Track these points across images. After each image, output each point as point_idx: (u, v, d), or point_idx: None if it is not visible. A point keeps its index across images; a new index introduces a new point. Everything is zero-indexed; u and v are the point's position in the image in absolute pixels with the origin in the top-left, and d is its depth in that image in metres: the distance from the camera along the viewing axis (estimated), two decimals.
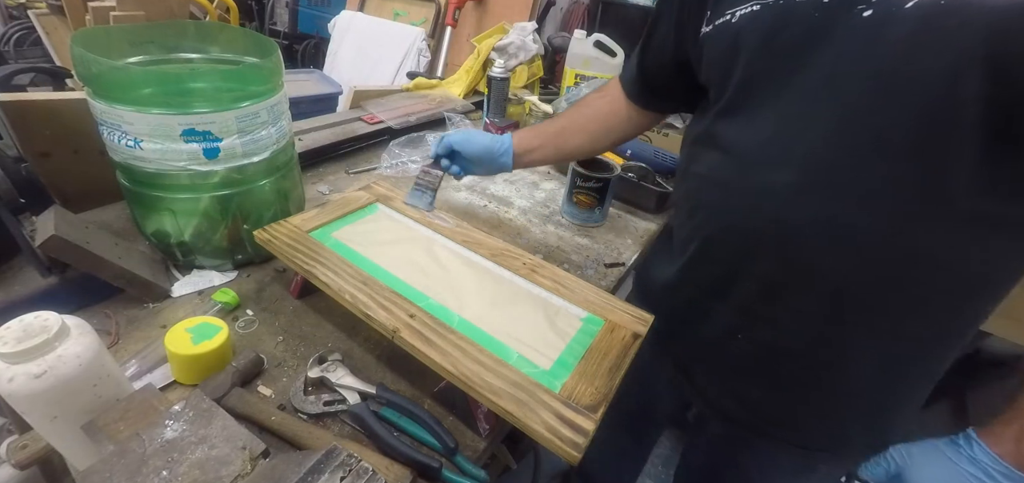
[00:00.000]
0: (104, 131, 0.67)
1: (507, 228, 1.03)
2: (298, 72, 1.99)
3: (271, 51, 0.75)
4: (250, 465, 0.41)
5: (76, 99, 0.77)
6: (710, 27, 0.55)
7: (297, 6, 3.30)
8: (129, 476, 0.39)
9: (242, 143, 0.71)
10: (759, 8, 0.49)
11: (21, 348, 0.42)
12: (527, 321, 0.64)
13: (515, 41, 1.59)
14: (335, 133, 1.25)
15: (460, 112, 1.44)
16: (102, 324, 0.67)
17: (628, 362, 0.59)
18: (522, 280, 0.71)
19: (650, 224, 1.11)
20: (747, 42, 0.50)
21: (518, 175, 1.26)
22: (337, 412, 0.58)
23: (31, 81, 1.34)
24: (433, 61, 2.00)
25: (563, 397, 0.52)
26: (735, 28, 0.51)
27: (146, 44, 0.78)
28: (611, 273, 0.93)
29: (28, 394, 0.43)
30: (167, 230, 0.74)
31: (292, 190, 0.85)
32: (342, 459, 0.43)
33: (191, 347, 0.58)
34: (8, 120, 0.76)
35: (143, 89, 0.66)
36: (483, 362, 0.55)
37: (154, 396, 0.49)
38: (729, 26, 0.52)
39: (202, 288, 0.76)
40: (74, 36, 0.69)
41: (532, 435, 0.49)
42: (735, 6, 0.51)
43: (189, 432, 0.43)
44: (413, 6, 2.10)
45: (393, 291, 0.64)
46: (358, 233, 0.78)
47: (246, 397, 0.57)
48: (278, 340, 0.68)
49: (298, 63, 3.13)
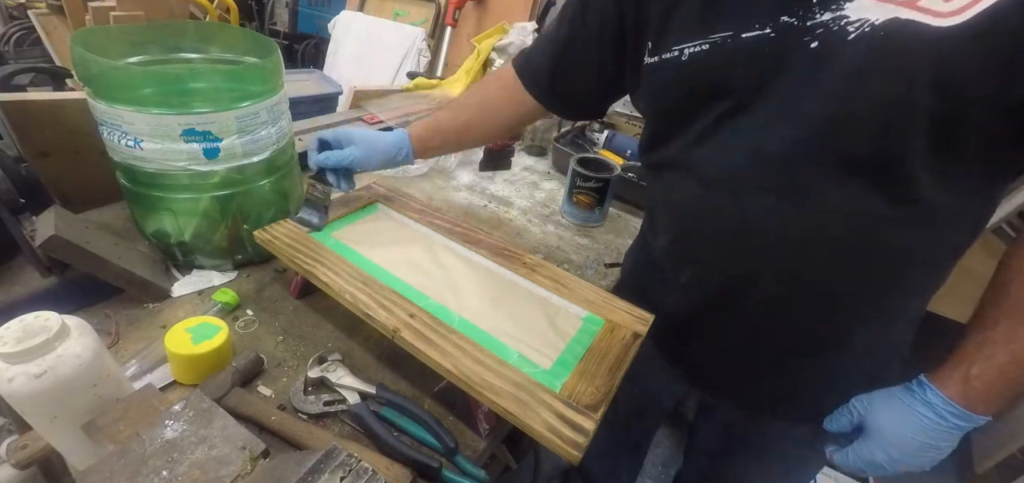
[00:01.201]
0: (104, 131, 0.67)
1: (507, 228, 1.03)
2: (298, 72, 1.98)
3: (271, 51, 0.75)
4: (250, 465, 0.41)
5: (76, 99, 0.77)
6: (655, 59, 0.55)
7: (297, 6, 3.30)
8: (129, 476, 0.39)
9: (242, 143, 0.71)
10: (708, 46, 0.50)
11: (21, 348, 0.42)
12: (527, 321, 0.64)
13: (515, 41, 1.59)
14: None
15: None
16: (102, 324, 0.67)
17: (629, 361, 0.59)
18: (522, 280, 0.71)
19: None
20: (702, 80, 0.53)
21: (518, 175, 1.27)
22: (337, 412, 0.58)
23: (31, 81, 1.34)
24: (433, 61, 2.00)
25: (563, 397, 0.52)
26: (685, 65, 0.52)
27: (146, 44, 0.78)
28: (611, 273, 0.93)
29: (28, 394, 0.43)
30: (167, 230, 0.74)
31: (292, 190, 0.85)
32: (342, 459, 0.43)
33: (191, 347, 0.58)
34: (8, 120, 0.76)
35: (143, 89, 0.66)
36: (483, 362, 0.55)
37: (154, 396, 0.49)
38: (678, 63, 0.53)
39: (202, 288, 0.75)
40: (74, 36, 0.69)
41: (532, 435, 0.49)
42: (681, 43, 0.52)
43: (189, 432, 0.43)
44: (413, 6, 2.10)
45: (393, 291, 0.64)
46: (358, 233, 0.78)
47: (246, 397, 0.57)
48: (278, 340, 0.68)
49: (298, 63, 3.13)
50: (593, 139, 1.40)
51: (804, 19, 0.45)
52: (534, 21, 1.74)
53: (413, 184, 1.14)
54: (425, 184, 1.16)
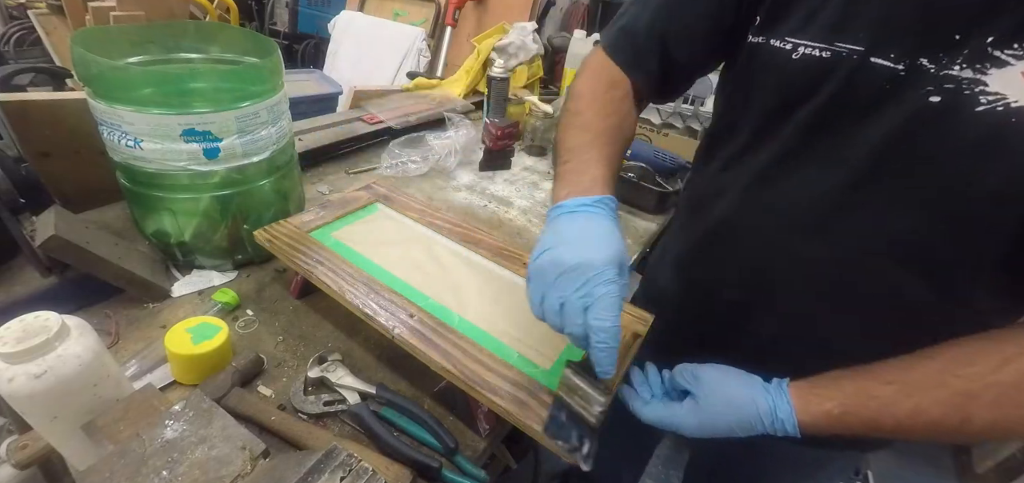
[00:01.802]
0: (104, 131, 0.67)
1: (507, 228, 1.03)
2: (298, 72, 1.99)
3: (271, 51, 0.75)
4: (250, 465, 0.41)
5: (76, 99, 0.77)
6: (760, 39, 0.49)
7: (297, 6, 3.30)
8: (129, 476, 0.39)
9: (242, 143, 0.71)
10: (829, 55, 0.43)
11: (21, 348, 0.42)
12: (527, 321, 0.63)
13: (515, 41, 1.59)
14: (335, 133, 1.25)
15: (460, 112, 1.44)
16: (102, 324, 0.67)
17: (629, 361, 0.59)
18: (522, 279, 0.71)
19: (650, 224, 1.11)
20: (805, 87, 0.45)
21: (518, 175, 1.26)
22: (337, 412, 0.58)
23: (31, 81, 1.34)
24: (433, 61, 2.00)
25: None
26: (794, 65, 0.45)
27: (146, 44, 0.78)
28: None
29: (28, 394, 0.43)
30: (167, 230, 0.74)
31: (292, 190, 0.85)
32: (342, 459, 0.43)
33: (191, 347, 0.58)
34: (8, 120, 0.75)
35: (143, 89, 0.66)
36: (483, 362, 0.55)
37: (154, 396, 0.49)
38: (786, 58, 0.46)
39: (202, 288, 0.75)
40: (74, 36, 0.69)
41: (532, 435, 0.49)
42: (796, 36, 0.45)
43: (189, 432, 0.43)
44: (413, 6, 2.10)
45: (393, 291, 0.64)
46: (358, 233, 0.78)
47: (246, 397, 0.57)
48: (278, 340, 0.68)
49: (298, 63, 3.13)
50: None
51: (942, 67, 0.38)
52: (534, 21, 1.74)
53: (413, 184, 1.14)
54: (425, 184, 1.16)
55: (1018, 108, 0.35)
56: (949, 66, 0.38)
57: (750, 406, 0.47)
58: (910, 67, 0.40)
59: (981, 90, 0.37)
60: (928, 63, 0.39)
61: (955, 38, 0.38)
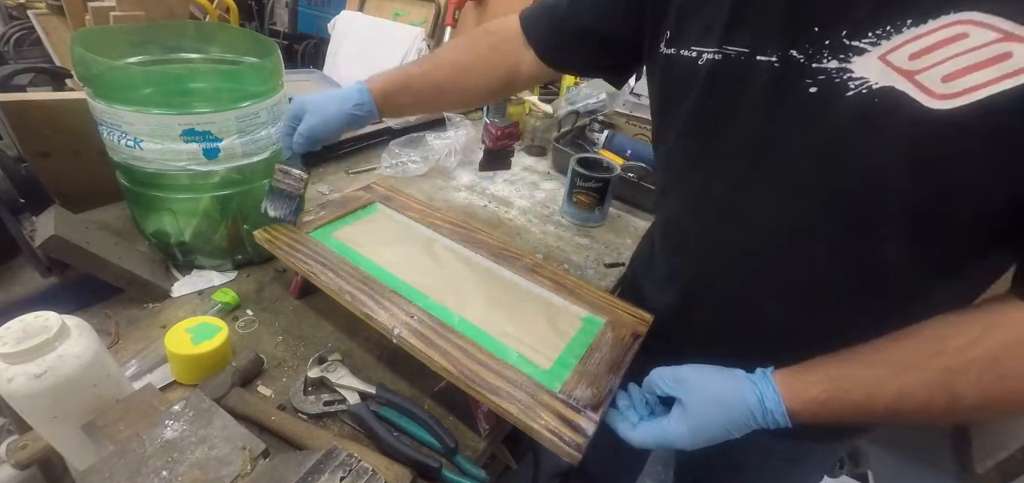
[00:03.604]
0: (104, 131, 0.67)
1: (507, 228, 1.03)
2: (298, 72, 1.98)
3: (271, 51, 0.75)
4: (250, 465, 0.41)
5: (76, 99, 0.77)
6: (671, 50, 0.54)
7: (297, 6, 3.30)
8: (129, 476, 0.39)
9: (242, 143, 0.71)
10: (721, 58, 0.49)
11: (21, 348, 0.42)
12: (527, 321, 0.64)
13: None
14: None
15: (460, 112, 1.44)
16: (102, 324, 0.67)
17: (628, 362, 0.59)
18: (522, 280, 0.71)
19: (650, 224, 1.11)
20: (709, 88, 0.51)
21: (518, 175, 1.27)
22: (337, 412, 0.58)
23: (31, 81, 1.33)
24: None
25: (563, 397, 0.52)
26: (699, 70, 0.51)
27: (146, 44, 0.78)
28: (611, 273, 0.93)
29: (28, 394, 0.43)
30: (167, 230, 0.74)
31: None
32: (342, 459, 0.43)
33: (191, 347, 0.58)
34: (8, 120, 0.76)
35: (143, 89, 0.66)
36: (483, 362, 0.55)
37: (154, 396, 0.49)
38: (693, 64, 0.51)
39: (202, 288, 0.75)
40: (74, 36, 0.69)
41: (532, 435, 0.49)
42: (699, 45, 0.51)
43: (189, 432, 0.43)
44: (413, 6, 2.10)
45: (393, 291, 0.64)
46: (358, 233, 0.78)
47: (246, 397, 0.57)
48: (278, 340, 0.68)
49: (298, 63, 3.13)
50: (593, 139, 1.40)
51: (811, 59, 0.43)
52: None
53: (413, 184, 1.14)
54: (425, 184, 1.16)
55: (879, 88, 0.39)
56: (817, 59, 0.43)
57: (738, 401, 0.47)
58: (783, 59, 0.44)
59: (849, 77, 0.41)
60: (797, 54, 0.44)
61: (815, 31, 0.42)
